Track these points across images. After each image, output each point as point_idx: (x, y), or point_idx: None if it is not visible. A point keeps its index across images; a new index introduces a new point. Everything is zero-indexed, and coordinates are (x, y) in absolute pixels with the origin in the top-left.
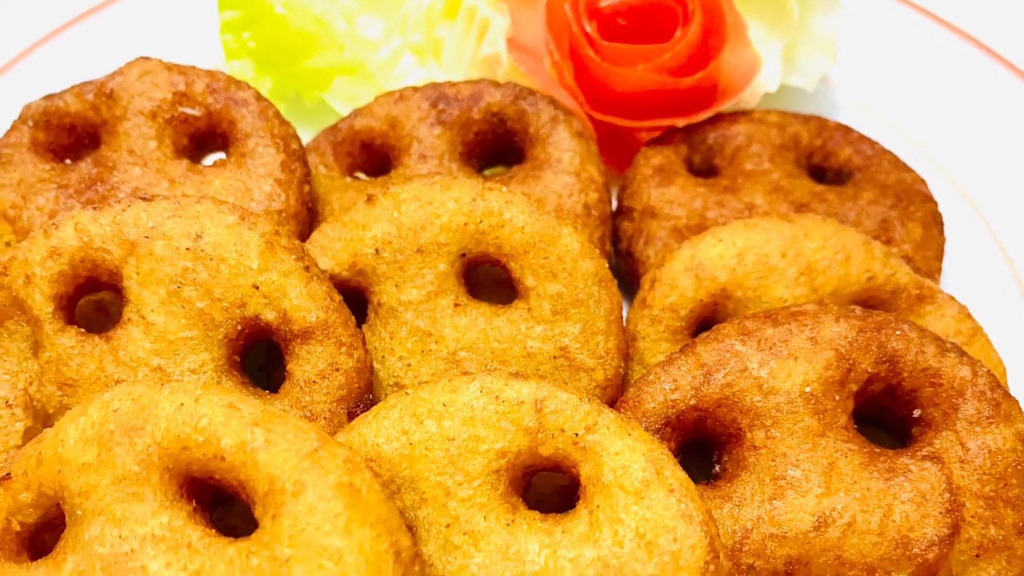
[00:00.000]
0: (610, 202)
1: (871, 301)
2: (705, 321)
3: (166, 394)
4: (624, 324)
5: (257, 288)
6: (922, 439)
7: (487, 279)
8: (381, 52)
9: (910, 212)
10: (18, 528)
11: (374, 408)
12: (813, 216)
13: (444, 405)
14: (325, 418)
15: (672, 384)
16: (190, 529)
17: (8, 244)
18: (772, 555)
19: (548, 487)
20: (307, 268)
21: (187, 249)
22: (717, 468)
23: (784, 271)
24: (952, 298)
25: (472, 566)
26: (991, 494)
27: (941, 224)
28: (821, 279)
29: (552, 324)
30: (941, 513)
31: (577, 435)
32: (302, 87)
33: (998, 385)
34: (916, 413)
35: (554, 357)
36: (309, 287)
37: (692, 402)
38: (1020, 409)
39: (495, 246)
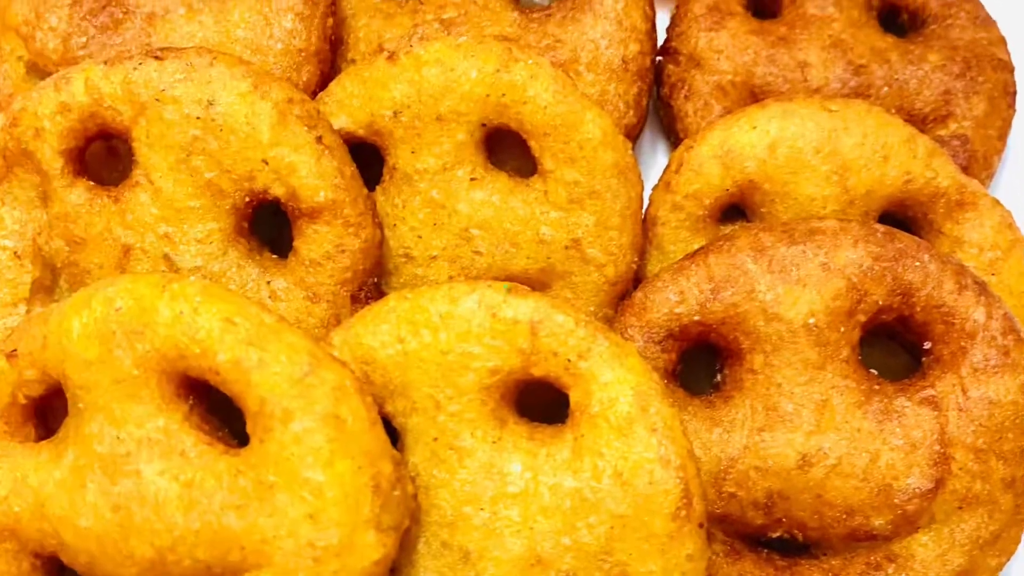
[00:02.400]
0: (653, 50)
1: (907, 202)
2: (729, 208)
3: (167, 299)
4: (645, 208)
5: (267, 163)
6: (928, 374)
7: (512, 141)
8: None
9: (977, 83)
10: (24, 401)
11: (373, 308)
12: (856, 105)
13: (441, 316)
14: (328, 301)
15: (678, 296)
16: (184, 435)
17: (20, 58)
18: (754, 486)
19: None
20: (319, 139)
21: (198, 117)
22: (719, 377)
23: (817, 168)
24: (996, 203)
25: (456, 482)
26: (983, 447)
27: (1013, 95)
28: (854, 179)
29: (567, 212)
30: (928, 465)
31: (569, 361)
32: None
33: (1012, 330)
34: (927, 346)
35: (566, 247)
36: (320, 164)
37: (696, 317)
38: None
39: (516, 121)
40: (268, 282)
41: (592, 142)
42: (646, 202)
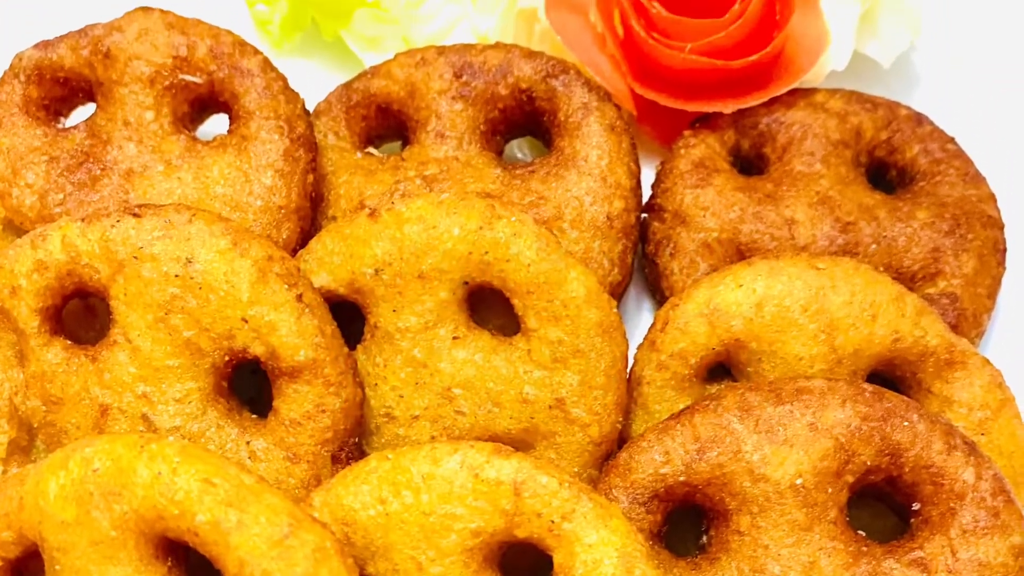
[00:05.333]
0: (638, 207)
1: (896, 361)
2: (715, 367)
3: (145, 459)
4: (630, 366)
5: (246, 322)
6: (917, 535)
7: (495, 299)
8: None
9: (966, 240)
10: (0, 564)
11: (354, 468)
12: (844, 263)
13: (423, 477)
14: (308, 461)
15: (664, 457)
16: None
17: None
18: None
19: None
20: (300, 297)
21: (176, 276)
22: (705, 538)
23: (804, 327)
24: (986, 363)
25: None
26: None
27: (1002, 253)
28: (842, 338)
29: (551, 372)
30: None
31: (553, 522)
32: (321, 16)
33: (1002, 491)
34: (915, 506)
35: (550, 407)
36: (300, 322)
37: (681, 478)
38: (1021, 518)
39: (499, 279)
40: (248, 442)
41: (576, 300)
42: (631, 361)
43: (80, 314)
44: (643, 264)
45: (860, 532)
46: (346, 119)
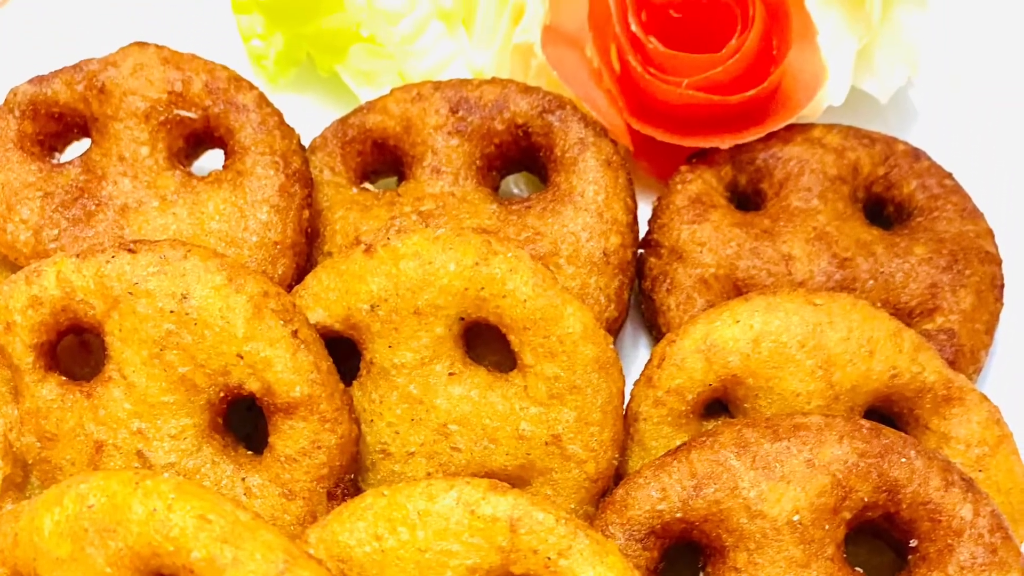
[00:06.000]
0: (635, 242)
1: (893, 397)
2: (712, 403)
3: (140, 496)
4: (627, 402)
5: (242, 358)
6: (915, 572)
7: (492, 335)
8: (403, 24)
9: (964, 276)
10: None
11: (350, 505)
12: (841, 299)
13: (419, 514)
14: (304, 498)
15: (660, 493)
16: None
17: None
18: None
19: None
20: (295, 333)
21: (171, 312)
22: (701, 575)
23: (801, 363)
24: (983, 399)
25: None
26: None
27: (1000, 288)
28: (840, 374)
29: (547, 408)
30: None
31: (549, 559)
32: (316, 51)
33: (999, 527)
34: (912, 543)
35: (546, 443)
36: (295, 358)
37: (678, 515)
38: (1019, 554)
39: (495, 315)
40: (243, 479)
41: (573, 336)
42: (627, 397)
43: (75, 350)
44: (640, 300)
45: (858, 569)
46: (342, 154)
